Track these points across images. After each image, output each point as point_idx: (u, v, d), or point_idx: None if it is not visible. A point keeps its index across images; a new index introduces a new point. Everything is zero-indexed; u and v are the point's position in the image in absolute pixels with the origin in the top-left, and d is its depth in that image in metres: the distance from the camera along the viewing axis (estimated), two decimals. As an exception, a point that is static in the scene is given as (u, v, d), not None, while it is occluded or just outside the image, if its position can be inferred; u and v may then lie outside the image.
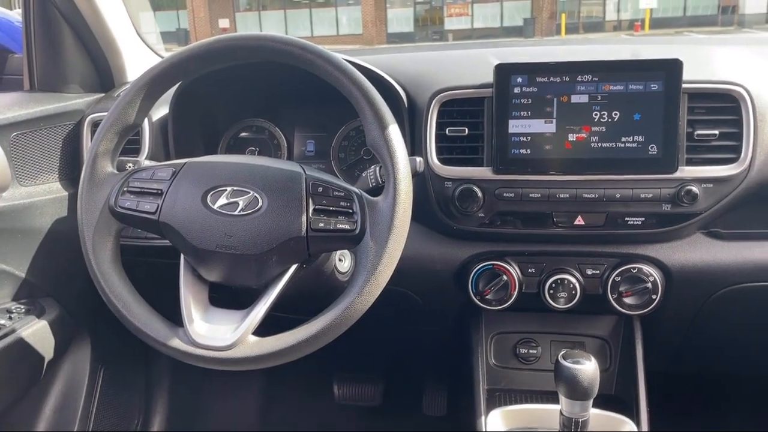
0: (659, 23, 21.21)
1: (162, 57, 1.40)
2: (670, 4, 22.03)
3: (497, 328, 1.30)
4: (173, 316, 0.92)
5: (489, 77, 1.11)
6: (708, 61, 1.14)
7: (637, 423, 1.14)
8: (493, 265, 1.17)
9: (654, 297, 1.14)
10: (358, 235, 0.87)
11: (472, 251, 1.19)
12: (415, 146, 1.16)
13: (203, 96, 1.32)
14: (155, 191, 0.91)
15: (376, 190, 0.97)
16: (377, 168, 0.99)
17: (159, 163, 0.97)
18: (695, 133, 1.07)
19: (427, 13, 23.66)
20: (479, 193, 1.10)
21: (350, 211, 0.88)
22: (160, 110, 1.31)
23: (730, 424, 1.64)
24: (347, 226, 0.87)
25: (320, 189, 0.88)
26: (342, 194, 0.89)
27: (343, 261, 1.10)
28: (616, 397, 1.23)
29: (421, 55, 1.40)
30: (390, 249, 0.85)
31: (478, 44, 1.50)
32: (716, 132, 1.07)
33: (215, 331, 0.88)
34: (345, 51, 1.33)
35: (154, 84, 0.94)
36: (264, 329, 0.88)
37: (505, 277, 1.16)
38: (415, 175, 0.94)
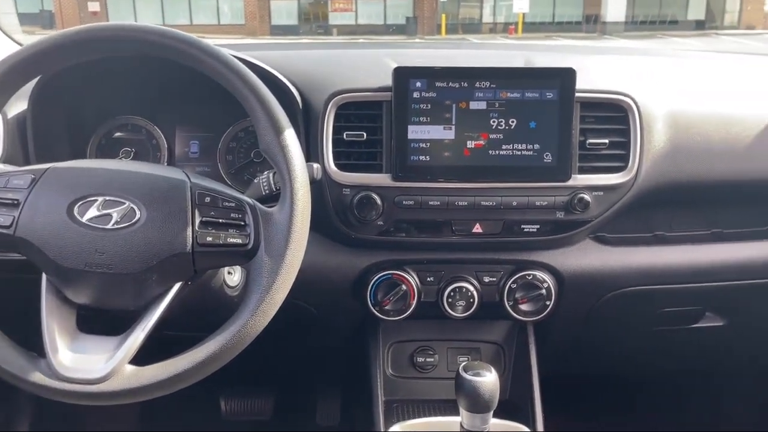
0: (531, 28, 22.43)
1: (20, 45, 1.23)
2: (540, 10, 23.37)
3: (394, 337, 1.27)
4: (36, 345, 0.80)
5: (387, 80, 1.06)
6: (599, 70, 1.17)
7: (533, 428, 1.16)
8: (392, 274, 1.13)
9: (548, 303, 1.15)
10: (251, 249, 0.79)
11: (371, 260, 1.14)
12: (310, 151, 1.10)
13: (69, 90, 1.17)
14: (10, 201, 0.79)
15: (270, 198, 0.90)
16: (271, 174, 0.92)
17: (16, 169, 0.84)
18: (587, 141, 1.09)
19: (311, 7, 23.49)
20: (378, 201, 1.06)
21: (242, 223, 0.80)
22: (18, 105, 1.15)
23: (618, 420, 1.73)
24: (239, 240, 0.79)
25: (208, 199, 0.80)
26: (233, 204, 0.81)
27: (232, 274, 1.02)
28: (510, 402, 1.24)
29: (315, 54, 1.34)
30: (287, 265, 0.79)
31: (371, 44, 1.46)
32: (606, 141, 1.09)
33: (85, 362, 0.78)
34: (230, 45, 1.23)
35: (8, 76, 0.82)
36: (145, 353, 0.78)
37: (404, 287, 1.13)
38: (313, 182, 0.88)
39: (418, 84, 1.05)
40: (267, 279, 0.78)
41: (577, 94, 1.06)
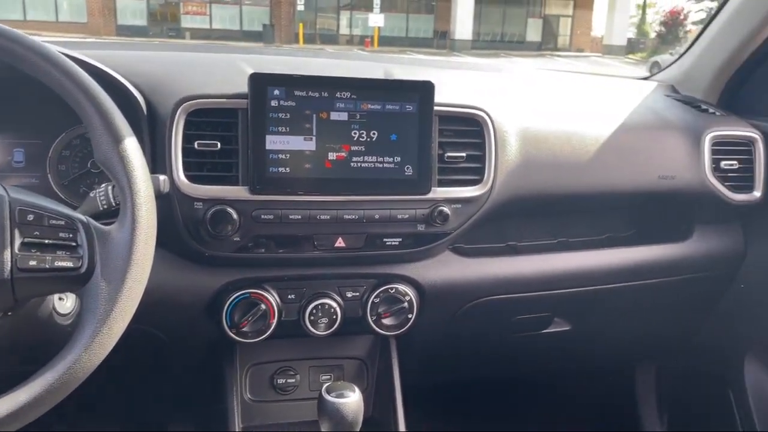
0: (386, 41, 23.11)
1: None
2: (395, 24, 24.14)
3: (253, 359, 1.20)
4: None
5: (243, 86, 1.00)
6: (455, 85, 1.19)
7: None
8: (250, 293, 1.06)
9: (410, 316, 1.15)
10: (84, 274, 0.70)
11: (227, 279, 1.07)
12: (157, 162, 1.00)
13: None
14: None
15: (109, 214, 0.80)
16: (109, 187, 0.82)
17: None
18: (445, 155, 1.10)
19: (161, 7, 22.34)
20: (234, 215, 0.99)
21: (73, 243, 0.70)
22: None
23: (479, 425, 1.77)
24: (69, 264, 0.69)
25: (31, 216, 0.69)
26: (62, 222, 0.71)
27: (64, 300, 0.90)
28: (373, 419, 1.22)
29: (163, 56, 1.23)
30: (127, 290, 0.70)
31: (226, 48, 1.37)
32: (464, 154, 1.11)
33: None
34: (63, 42, 1.10)
35: None
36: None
37: (263, 306, 1.06)
38: (159, 196, 0.80)
39: (277, 92, 0.99)
40: (104, 307, 0.69)
41: (435, 108, 1.07)
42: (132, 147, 0.73)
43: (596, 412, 1.91)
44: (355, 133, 1.03)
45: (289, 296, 1.10)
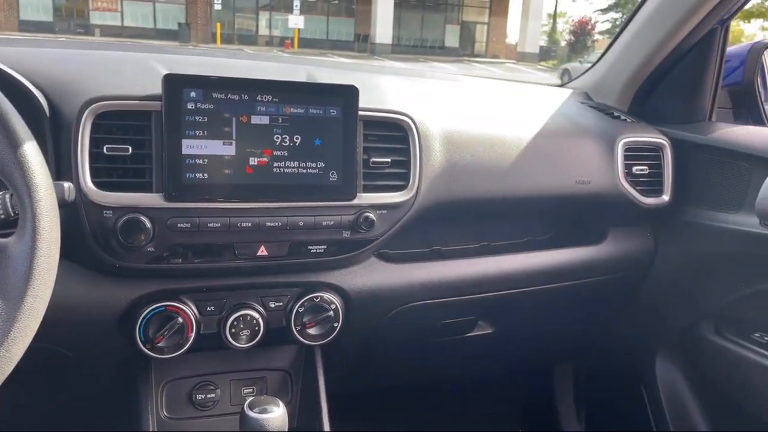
0: (306, 43, 22.95)
1: None
2: (316, 27, 24.04)
3: (169, 374, 1.14)
4: None
5: (155, 87, 0.95)
6: (379, 89, 1.18)
7: None
8: (165, 306, 1.01)
9: (336, 324, 1.12)
10: None
11: (140, 292, 1.00)
12: (62, 169, 0.93)
13: None
14: None
15: (7, 225, 0.74)
16: (7, 195, 0.75)
17: None
18: (370, 160, 1.08)
19: (68, 2, 21.21)
20: (148, 224, 0.93)
21: (-35, 259, 0.63)
22: None
23: (406, 430, 1.76)
24: (-40, 281, 0.62)
25: None
26: None
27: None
28: (299, 430, 1.19)
29: (68, 54, 1.15)
30: (27, 309, 0.64)
31: (138, 47, 1.30)
32: (389, 160, 1.10)
33: None
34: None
35: None
36: None
37: (180, 319, 1.01)
38: (63, 205, 0.74)
39: (193, 94, 0.95)
40: (1, 328, 0.63)
41: (360, 113, 1.05)
42: (31, 152, 0.67)
43: (517, 413, 1.95)
44: (277, 138, 1.00)
45: (209, 308, 1.05)
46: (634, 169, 1.38)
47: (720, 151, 1.35)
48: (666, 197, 1.40)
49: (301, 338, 1.10)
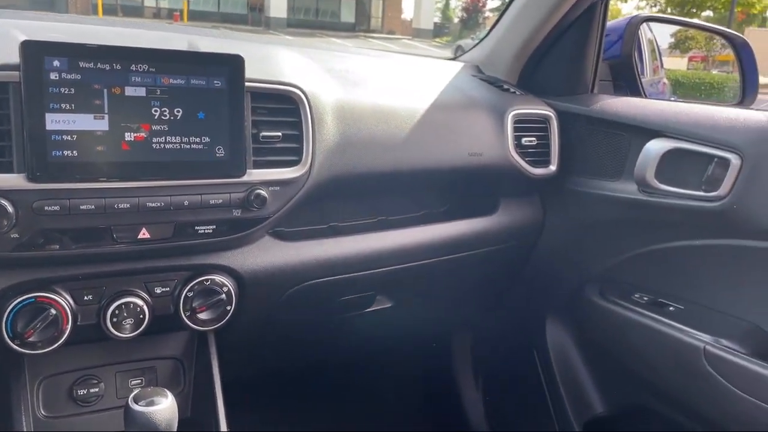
0: (196, 16, 21.96)
1: None
2: (207, -3, 23.04)
3: (46, 370, 1.05)
4: None
5: (13, 56, 0.85)
6: (268, 60, 1.13)
7: None
8: (35, 297, 0.92)
9: (228, 308, 1.07)
10: None
11: (5, 283, 0.91)
12: None
13: None
14: None
15: None
16: None
17: None
18: (260, 134, 1.03)
19: None
20: (10, 208, 0.84)
21: None
22: None
23: (305, 412, 1.74)
24: None
25: None
26: None
27: None
28: (193, 420, 1.13)
29: None
30: None
31: (-7, 11, 1.17)
32: (279, 134, 1.05)
33: None
34: None
35: None
36: None
37: (53, 311, 0.92)
38: None
39: (56, 63, 0.86)
40: None
41: (246, 84, 0.99)
42: None
43: (418, 383, 1.98)
44: (155, 111, 0.93)
45: (86, 297, 0.97)
46: (523, 140, 1.41)
47: (601, 122, 1.41)
48: (553, 167, 1.45)
49: (191, 324, 1.05)
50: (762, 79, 1.78)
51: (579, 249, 1.49)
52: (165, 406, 0.81)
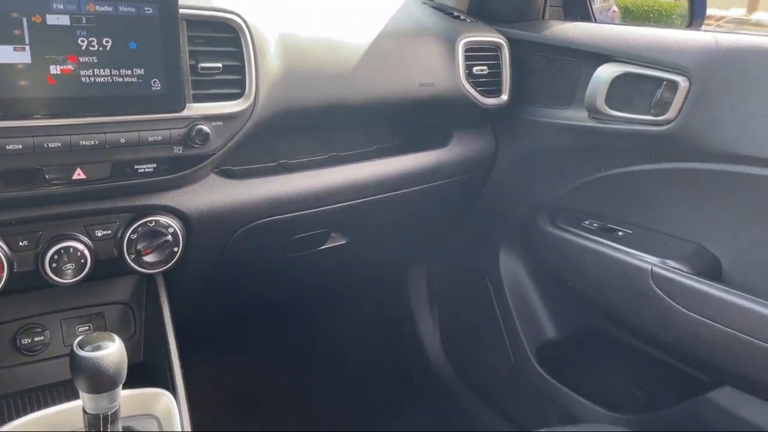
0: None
1: None
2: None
3: None
4: None
5: None
6: None
7: (173, 389, 1.05)
8: (-36, 245, 0.86)
9: (176, 249, 1.04)
10: None
11: None
12: None
13: None
14: None
15: None
16: None
17: None
18: (199, 66, 0.97)
19: None
20: None
21: None
22: None
23: (260, 353, 1.74)
24: None
25: None
26: None
27: None
28: (146, 364, 1.11)
29: None
30: None
31: None
32: (219, 65, 0.99)
33: None
34: None
35: None
36: None
37: (-15, 259, 0.87)
38: None
39: (-36, -13, 0.78)
40: None
41: (181, 11, 0.92)
42: None
43: (375, 318, 2.00)
44: (82, 41, 0.85)
45: (21, 243, 0.92)
46: (475, 69, 1.38)
47: (552, 48, 1.39)
48: (505, 97, 1.43)
49: (137, 267, 1.01)
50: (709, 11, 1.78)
51: (531, 179, 1.49)
52: (112, 351, 0.77)
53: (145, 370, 1.07)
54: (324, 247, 1.40)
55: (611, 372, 1.42)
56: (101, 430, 0.79)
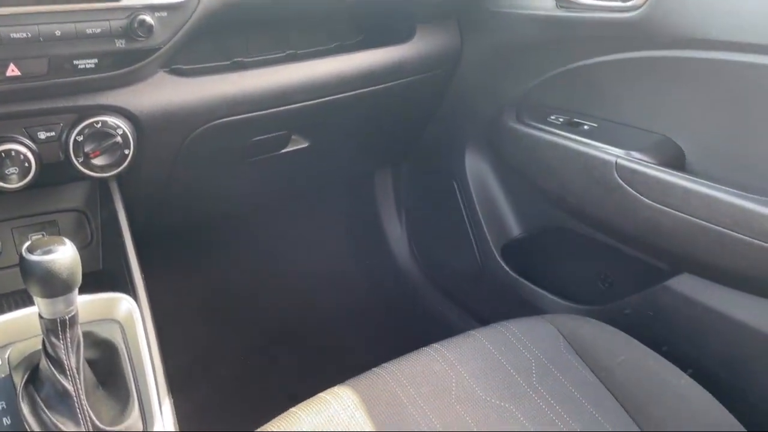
0: None
1: None
2: None
3: None
4: None
5: None
6: None
7: (134, 294, 1.03)
8: None
9: (127, 152, 0.99)
10: None
11: None
12: None
13: None
14: None
15: None
16: None
17: None
18: None
19: None
20: None
21: None
22: None
23: (226, 260, 1.72)
24: None
25: None
26: None
27: None
28: (105, 272, 1.09)
29: None
30: None
31: None
32: None
33: None
34: None
35: None
36: None
37: None
38: None
39: None
40: None
41: None
42: None
43: (341, 225, 1.99)
44: None
45: None
46: None
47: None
48: (471, -13, 1.36)
49: (87, 171, 0.97)
50: None
51: (496, 74, 1.45)
52: (64, 254, 0.74)
53: (105, 278, 1.05)
54: (285, 150, 1.36)
55: (574, 266, 1.45)
56: (59, 335, 0.77)
